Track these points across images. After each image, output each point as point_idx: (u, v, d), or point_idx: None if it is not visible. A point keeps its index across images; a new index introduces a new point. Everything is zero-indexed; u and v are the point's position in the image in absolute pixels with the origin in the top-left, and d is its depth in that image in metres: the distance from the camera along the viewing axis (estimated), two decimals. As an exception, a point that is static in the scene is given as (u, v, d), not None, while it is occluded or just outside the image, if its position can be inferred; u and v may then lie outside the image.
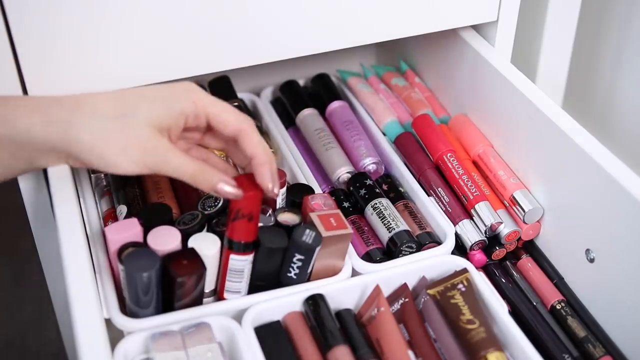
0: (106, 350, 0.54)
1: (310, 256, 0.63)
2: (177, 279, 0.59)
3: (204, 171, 0.60)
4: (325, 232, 0.63)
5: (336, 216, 0.65)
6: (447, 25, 0.80)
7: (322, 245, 0.63)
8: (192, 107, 0.60)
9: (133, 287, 0.59)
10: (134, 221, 0.62)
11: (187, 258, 0.60)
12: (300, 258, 0.62)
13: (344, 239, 0.64)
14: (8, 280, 1.24)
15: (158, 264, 0.58)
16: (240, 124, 0.61)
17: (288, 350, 0.61)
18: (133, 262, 0.58)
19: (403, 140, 0.82)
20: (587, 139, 0.69)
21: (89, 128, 0.59)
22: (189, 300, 0.61)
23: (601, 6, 1.01)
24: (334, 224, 0.64)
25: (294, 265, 0.63)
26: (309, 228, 0.62)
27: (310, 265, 0.63)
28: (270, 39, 0.73)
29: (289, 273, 0.64)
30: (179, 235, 0.62)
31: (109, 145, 0.59)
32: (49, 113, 0.59)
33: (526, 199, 0.75)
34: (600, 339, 0.69)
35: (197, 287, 0.61)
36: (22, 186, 0.71)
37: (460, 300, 0.64)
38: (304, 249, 0.62)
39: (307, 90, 0.93)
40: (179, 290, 0.60)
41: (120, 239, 0.61)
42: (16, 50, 0.65)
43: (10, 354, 1.14)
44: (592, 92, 1.06)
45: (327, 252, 0.64)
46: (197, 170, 0.60)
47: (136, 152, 0.59)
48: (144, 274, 0.58)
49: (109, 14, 0.66)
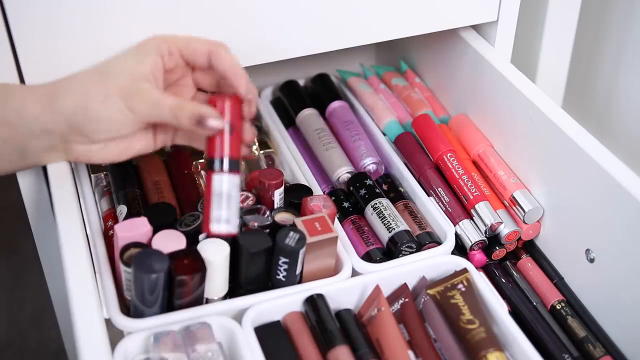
0: (106, 350, 0.54)
1: (295, 259, 0.62)
2: (177, 278, 0.59)
3: (182, 104, 0.61)
4: (309, 237, 0.62)
5: (321, 220, 0.64)
6: (447, 25, 0.80)
7: (308, 250, 0.63)
8: (164, 45, 0.64)
9: (140, 288, 0.58)
10: (143, 220, 0.62)
11: (189, 258, 0.60)
12: (285, 261, 0.62)
13: (329, 243, 0.64)
14: (8, 280, 1.24)
15: (167, 266, 0.58)
16: (208, 46, 0.64)
17: (288, 350, 0.61)
18: (142, 263, 0.58)
19: (403, 140, 0.82)
20: (587, 139, 0.69)
21: (71, 87, 0.63)
22: (189, 299, 0.61)
23: (601, 6, 1.01)
24: (319, 228, 0.63)
25: (281, 268, 0.63)
26: (293, 230, 0.62)
27: (297, 267, 0.63)
28: (270, 39, 0.73)
29: (277, 276, 0.63)
30: (183, 240, 0.62)
31: (91, 97, 0.62)
32: (38, 91, 0.63)
33: (526, 199, 0.75)
34: (600, 339, 0.69)
35: (197, 287, 0.60)
36: (22, 186, 0.71)
37: (460, 300, 0.64)
38: (287, 252, 0.62)
39: (307, 90, 0.93)
40: (178, 289, 0.60)
41: (129, 237, 0.61)
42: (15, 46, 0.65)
43: (10, 354, 1.14)
44: (592, 92, 1.06)
45: (315, 255, 0.64)
46: (176, 104, 0.61)
47: (118, 98, 0.61)
48: (152, 275, 0.57)
49: (109, 11, 0.66)
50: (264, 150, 0.82)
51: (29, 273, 1.25)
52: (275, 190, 0.68)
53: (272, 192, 0.68)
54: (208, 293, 0.62)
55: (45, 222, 0.74)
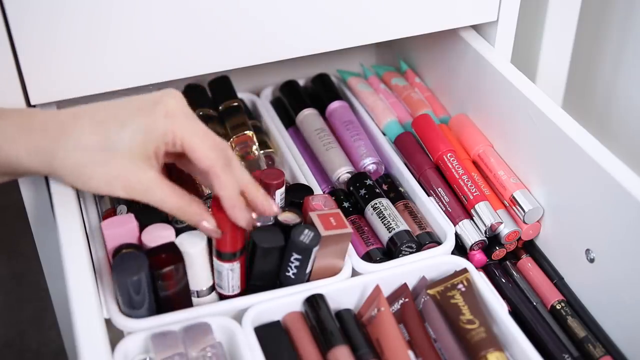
0: (106, 350, 0.54)
1: (308, 256, 0.63)
2: (155, 272, 0.59)
3: (187, 208, 0.61)
4: (324, 231, 0.63)
5: (336, 216, 0.65)
6: (447, 25, 0.80)
7: (322, 245, 0.63)
8: (171, 137, 0.61)
9: (125, 291, 0.59)
10: (130, 216, 0.62)
11: (166, 252, 0.61)
12: (297, 258, 0.62)
13: (343, 238, 0.64)
14: (8, 280, 1.24)
15: (147, 265, 0.58)
16: (210, 166, 0.60)
17: (288, 350, 0.61)
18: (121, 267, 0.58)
19: (403, 140, 0.82)
20: (587, 139, 0.69)
21: (73, 161, 0.60)
22: (173, 291, 0.61)
23: (601, 6, 1.01)
24: (334, 223, 0.64)
25: (292, 265, 0.63)
26: (308, 228, 0.62)
27: (308, 265, 0.63)
28: (271, 39, 0.73)
29: (287, 273, 0.64)
30: (173, 232, 0.62)
31: (94, 178, 0.60)
32: (33, 141, 0.60)
33: (526, 199, 0.75)
34: (600, 339, 0.69)
35: (178, 278, 0.61)
36: (22, 186, 0.72)
37: (460, 300, 0.64)
38: (301, 249, 0.62)
39: (307, 90, 0.93)
40: (160, 282, 0.60)
41: (115, 234, 0.61)
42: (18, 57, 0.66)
43: (10, 354, 1.14)
44: (592, 92, 1.06)
45: (327, 251, 0.64)
46: (181, 206, 0.61)
47: (120, 186, 0.60)
48: (134, 277, 0.58)
49: (109, 13, 0.66)
50: (264, 150, 0.82)
51: (29, 273, 1.25)
52: (276, 191, 0.68)
53: (274, 192, 0.68)
54: (193, 285, 0.63)
55: (45, 222, 0.74)
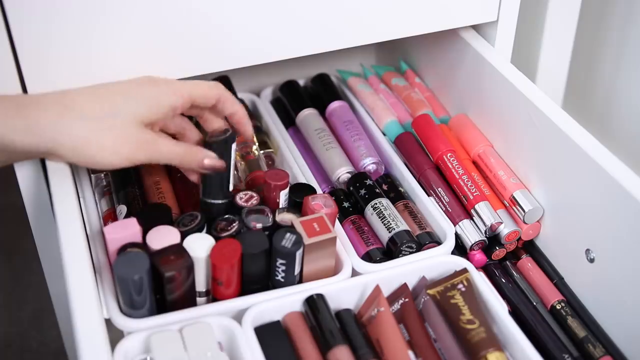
0: (106, 350, 0.54)
1: (292, 260, 0.62)
2: (165, 275, 0.59)
3: (190, 151, 0.66)
4: (307, 239, 0.62)
5: (320, 220, 0.64)
6: (447, 25, 0.80)
7: (307, 252, 0.63)
8: (180, 100, 0.65)
9: (126, 291, 0.59)
10: (132, 221, 0.62)
11: (174, 254, 0.61)
12: (282, 262, 0.62)
13: (328, 243, 0.64)
14: (8, 280, 1.24)
15: (148, 264, 0.58)
16: (218, 94, 0.68)
17: (288, 350, 0.61)
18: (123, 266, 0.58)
19: (403, 140, 0.82)
20: (587, 139, 0.69)
21: (78, 133, 0.61)
22: (179, 294, 0.61)
23: (601, 6, 1.01)
24: (318, 229, 0.63)
25: (279, 269, 0.63)
26: (290, 232, 0.62)
27: (295, 268, 0.63)
28: (270, 39, 0.73)
29: (276, 276, 0.63)
30: (178, 235, 0.62)
31: (100, 146, 0.61)
32: (32, 118, 0.59)
33: (526, 199, 0.75)
34: (600, 339, 0.69)
35: (186, 281, 0.61)
36: (22, 186, 0.71)
37: (460, 300, 0.64)
38: (284, 254, 0.62)
39: (307, 90, 0.93)
40: (167, 285, 0.60)
41: (119, 239, 0.61)
42: (15, 48, 0.65)
43: (10, 353, 1.14)
44: (592, 92, 1.06)
45: (314, 256, 0.64)
46: (185, 152, 0.65)
47: (127, 149, 0.62)
48: (135, 277, 0.58)
49: (109, 12, 0.66)
50: (264, 150, 0.82)
51: (29, 273, 1.25)
52: (280, 192, 0.68)
53: (278, 193, 0.68)
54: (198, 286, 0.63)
55: (45, 222, 0.74)
